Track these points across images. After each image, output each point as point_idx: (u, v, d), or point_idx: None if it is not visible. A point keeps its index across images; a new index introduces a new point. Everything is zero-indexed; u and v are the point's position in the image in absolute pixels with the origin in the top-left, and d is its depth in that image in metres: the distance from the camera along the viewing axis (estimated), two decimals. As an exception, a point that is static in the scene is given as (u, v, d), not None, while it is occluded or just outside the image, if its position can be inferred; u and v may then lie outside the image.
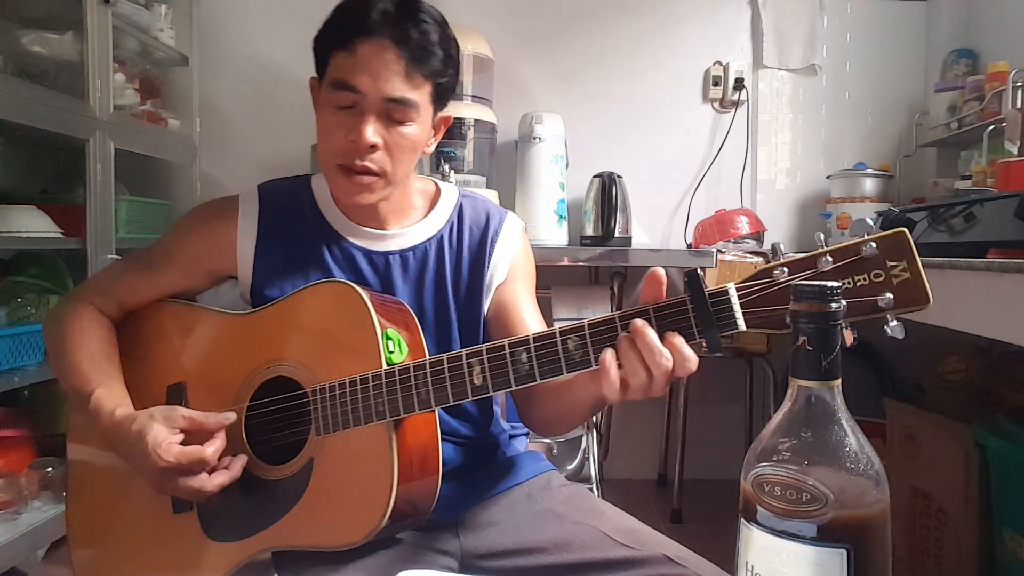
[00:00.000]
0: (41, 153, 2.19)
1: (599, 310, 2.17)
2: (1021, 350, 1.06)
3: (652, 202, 2.66)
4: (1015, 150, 1.83)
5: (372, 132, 0.89)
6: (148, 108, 2.35)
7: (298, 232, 0.99)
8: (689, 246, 2.61)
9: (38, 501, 1.82)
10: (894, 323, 0.63)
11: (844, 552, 0.45)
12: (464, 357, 0.79)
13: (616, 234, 2.31)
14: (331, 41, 0.91)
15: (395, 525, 0.83)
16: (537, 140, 2.35)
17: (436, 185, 1.07)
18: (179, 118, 2.51)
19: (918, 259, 0.63)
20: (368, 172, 0.91)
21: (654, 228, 2.69)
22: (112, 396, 0.92)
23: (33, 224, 1.82)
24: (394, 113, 0.90)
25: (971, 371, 1.96)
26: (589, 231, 2.37)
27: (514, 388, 0.77)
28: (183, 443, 0.86)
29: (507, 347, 0.77)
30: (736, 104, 2.69)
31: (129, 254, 1.07)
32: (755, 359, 2.45)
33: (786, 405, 0.49)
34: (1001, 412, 1.63)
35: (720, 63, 2.69)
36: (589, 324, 0.74)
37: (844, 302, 0.60)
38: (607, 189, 2.32)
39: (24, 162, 2.19)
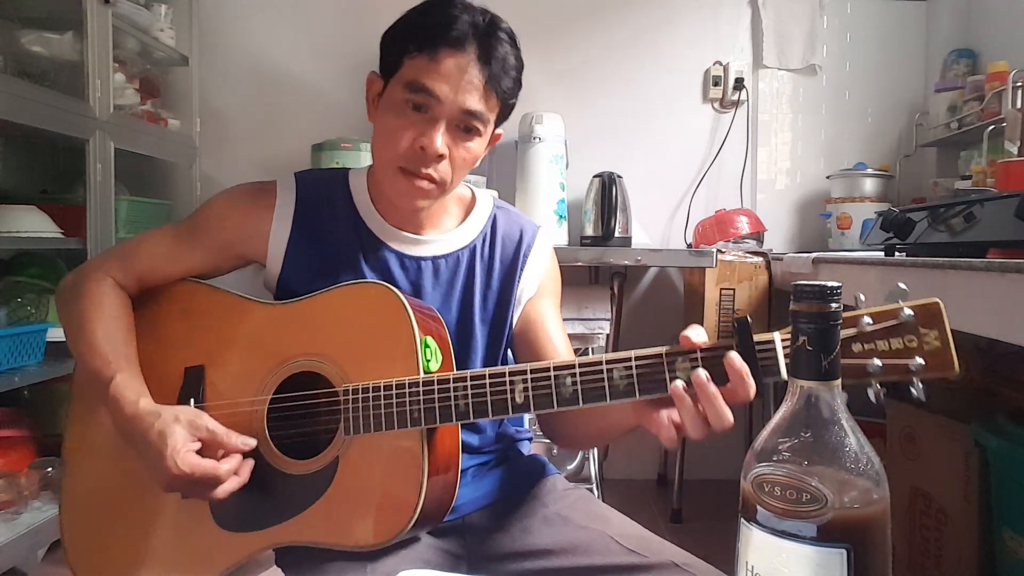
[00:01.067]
0: (41, 153, 2.19)
1: (599, 310, 2.17)
2: (1021, 350, 1.06)
3: (652, 202, 2.66)
4: (1015, 150, 1.83)
5: (442, 143, 0.89)
6: (148, 108, 2.35)
7: (332, 228, 0.98)
8: (689, 246, 2.61)
9: (38, 501, 1.82)
10: (920, 386, 0.66)
11: (844, 552, 0.45)
12: (507, 374, 0.78)
13: (616, 234, 2.31)
14: (411, 44, 0.89)
15: (417, 527, 0.83)
16: (537, 140, 2.35)
17: (472, 192, 1.06)
18: (179, 118, 2.51)
19: (948, 330, 0.67)
20: (430, 179, 0.91)
21: (654, 228, 2.69)
22: (133, 384, 0.89)
23: (33, 224, 1.82)
24: (466, 124, 0.90)
25: (971, 371, 1.96)
26: (589, 231, 2.37)
27: (556, 409, 0.77)
28: (201, 451, 0.84)
29: (552, 369, 0.77)
30: (736, 104, 2.69)
31: (155, 229, 1.03)
32: (755, 359, 2.44)
33: (786, 405, 0.49)
34: (1001, 412, 1.63)
35: (720, 63, 2.70)
36: (636, 356, 0.74)
37: (879, 361, 0.65)
38: (607, 189, 2.32)
39: (24, 162, 2.19)
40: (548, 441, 2.03)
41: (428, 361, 0.83)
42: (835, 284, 0.48)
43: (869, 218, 2.24)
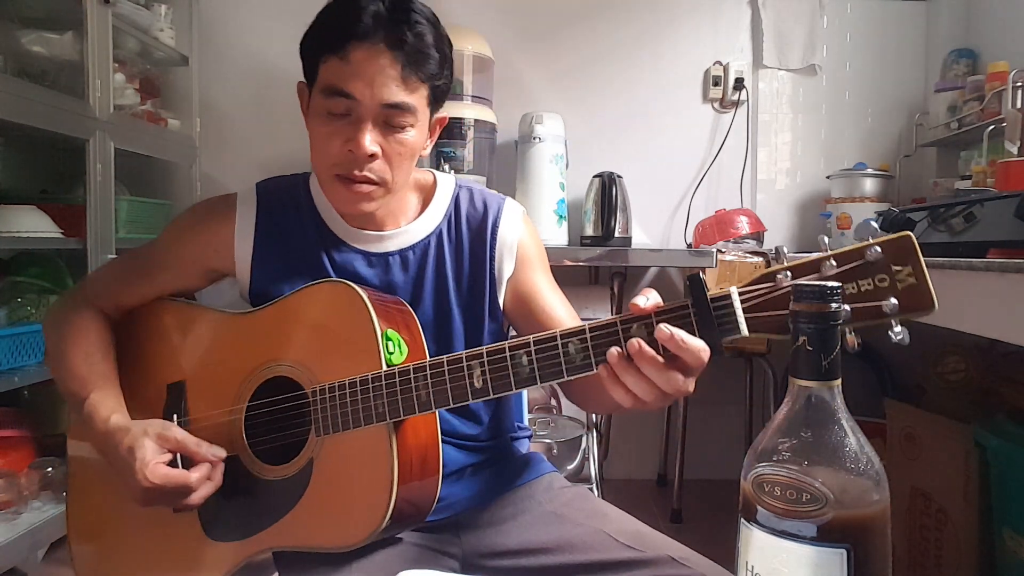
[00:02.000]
0: (41, 153, 2.19)
1: (599, 310, 2.17)
2: (1021, 350, 1.06)
3: (652, 202, 2.66)
4: (1015, 150, 1.83)
5: (370, 141, 0.86)
6: (148, 108, 2.35)
7: (296, 233, 0.98)
8: (689, 246, 2.61)
9: (38, 501, 1.82)
10: (898, 328, 0.62)
11: (844, 552, 0.45)
12: (464, 359, 0.77)
13: (616, 234, 2.31)
14: (321, 46, 0.87)
15: (395, 526, 0.83)
16: (537, 140, 2.35)
17: (433, 176, 1.04)
18: (179, 118, 2.51)
19: (924, 263, 0.62)
20: (367, 181, 0.89)
21: (654, 228, 2.69)
22: (107, 401, 0.91)
23: (33, 224, 1.82)
24: (392, 119, 0.87)
25: (971, 371, 1.96)
26: (589, 231, 2.37)
27: (515, 391, 0.76)
28: (172, 462, 0.86)
29: (507, 350, 0.76)
30: (736, 104, 2.69)
31: (126, 253, 1.06)
32: (755, 359, 2.45)
33: (786, 405, 0.49)
34: (1001, 412, 1.63)
35: (720, 63, 2.70)
36: (590, 328, 0.72)
37: (847, 306, 0.60)
38: (607, 189, 2.32)
39: (24, 162, 2.18)
40: (548, 441, 2.04)
41: (391, 355, 0.83)
42: (835, 284, 0.48)
43: (869, 218, 2.24)
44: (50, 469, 1.85)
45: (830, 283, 0.47)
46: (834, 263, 0.63)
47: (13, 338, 1.73)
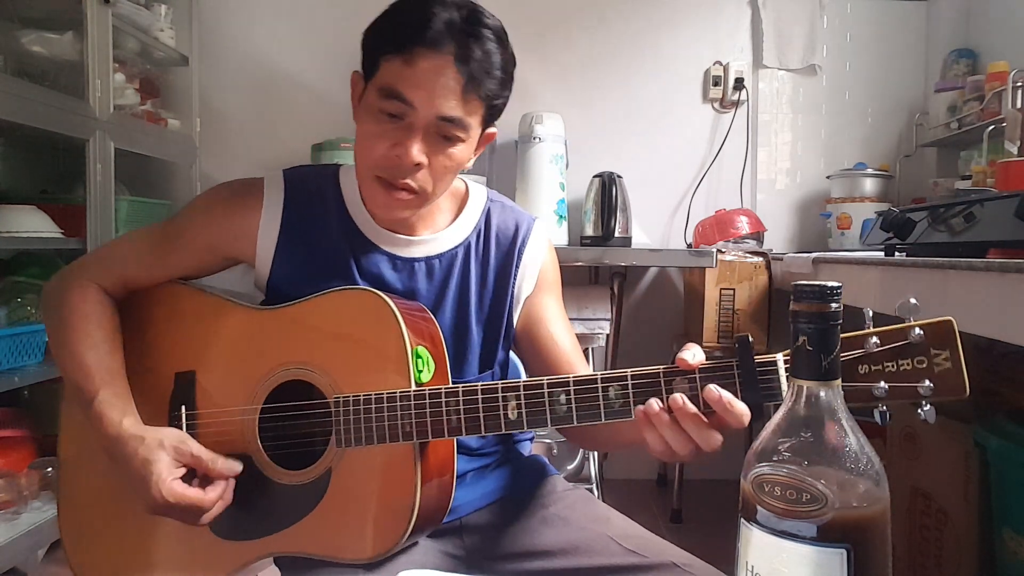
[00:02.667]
0: (41, 153, 2.19)
1: (599, 310, 2.17)
2: (1021, 350, 1.06)
3: (652, 202, 2.66)
4: (1015, 150, 1.83)
5: (419, 151, 0.84)
6: (148, 108, 2.35)
7: (323, 228, 0.94)
8: (689, 246, 2.61)
9: (38, 501, 1.82)
10: (928, 408, 0.63)
11: (844, 552, 0.45)
12: (500, 390, 0.77)
13: (616, 234, 2.31)
14: (386, 43, 0.84)
15: (410, 539, 0.83)
16: (537, 140, 2.35)
17: (465, 185, 1.03)
18: (179, 118, 2.51)
19: (960, 350, 0.63)
20: (408, 189, 0.87)
21: (654, 228, 2.69)
22: (118, 402, 0.87)
23: (33, 224, 1.82)
24: (444, 132, 0.85)
25: (971, 371, 1.96)
26: (589, 231, 2.37)
27: (549, 428, 0.76)
28: (186, 476, 0.83)
29: (546, 386, 0.75)
30: (736, 104, 2.69)
31: (138, 230, 1.00)
32: (755, 359, 2.44)
33: (786, 405, 0.49)
34: (1001, 412, 1.62)
35: (720, 63, 2.70)
36: (632, 375, 0.73)
37: (884, 384, 0.62)
38: (607, 189, 2.32)
39: (24, 162, 2.18)
40: (548, 441, 2.03)
41: (420, 372, 0.82)
42: (835, 284, 0.47)
43: (869, 218, 2.24)
44: (50, 469, 1.85)
45: (830, 283, 0.47)
46: (877, 340, 0.64)
47: (13, 338, 1.73)
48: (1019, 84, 1.90)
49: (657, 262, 2.32)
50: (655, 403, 0.69)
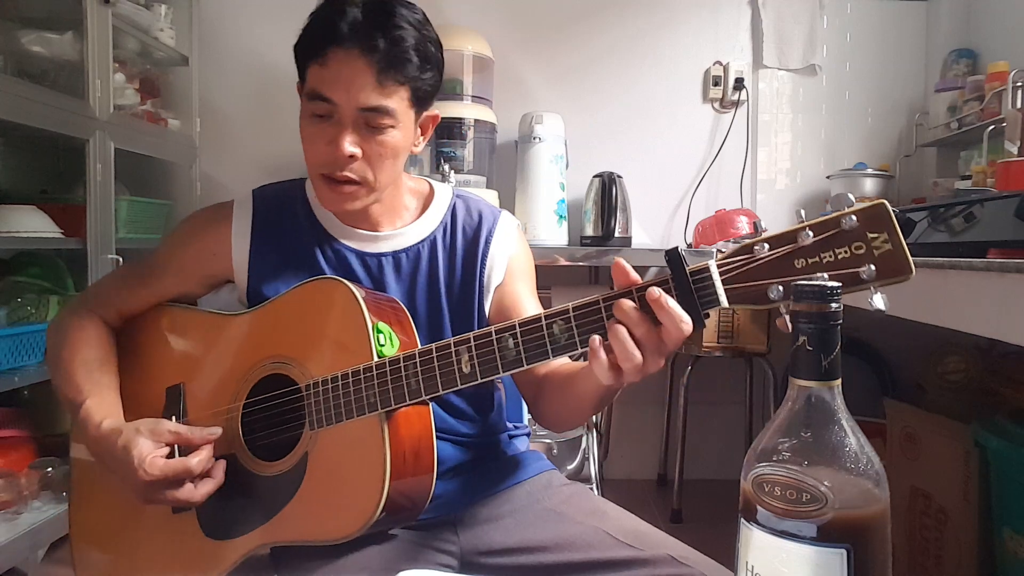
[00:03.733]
0: (41, 153, 2.19)
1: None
2: (1021, 350, 1.06)
3: (652, 202, 2.66)
4: (1015, 150, 1.83)
5: (349, 143, 0.89)
6: (148, 108, 2.35)
7: (292, 235, 1.00)
8: (689, 246, 2.61)
9: (38, 501, 1.82)
10: (877, 295, 0.63)
11: (844, 552, 0.45)
12: (452, 345, 0.79)
13: (616, 234, 2.31)
14: (306, 52, 0.91)
15: (390, 519, 0.83)
16: (537, 140, 2.35)
17: (430, 185, 1.07)
18: (179, 118, 2.51)
19: (899, 230, 0.62)
20: (350, 181, 0.91)
21: (654, 228, 2.69)
22: (102, 407, 0.92)
23: (33, 224, 1.82)
24: (371, 121, 0.89)
25: (971, 371, 1.96)
26: (589, 231, 2.37)
27: (502, 374, 0.77)
28: (169, 456, 0.86)
29: (494, 333, 0.77)
30: (736, 104, 2.69)
31: (128, 263, 1.10)
32: (755, 359, 2.45)
33: (786, 405, 0.49)
34: (1001, 412, 1.63)
35: (720, 63, 2.70)
36: (574, 307, 0.74)
37: (825, 275, 0.62)
38: (607, 189, 2.32)
39: (24, 162, 2.18)
40: (548, 441, 2.03)
41: (382, 347, 0.84)
42: (835, 284, 0.47)
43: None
44: (50, 469, 1.85)
45: (830, 283, 0.47)
46: (810, 233, 0.64)
47: (13, 338, 1.73)
48: (1019, 84, 1.90)
49: (657, 262, 2.31)
50: (614, 313, 0.71)
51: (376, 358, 0.83)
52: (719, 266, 0.68)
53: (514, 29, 2.63)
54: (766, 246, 0.66)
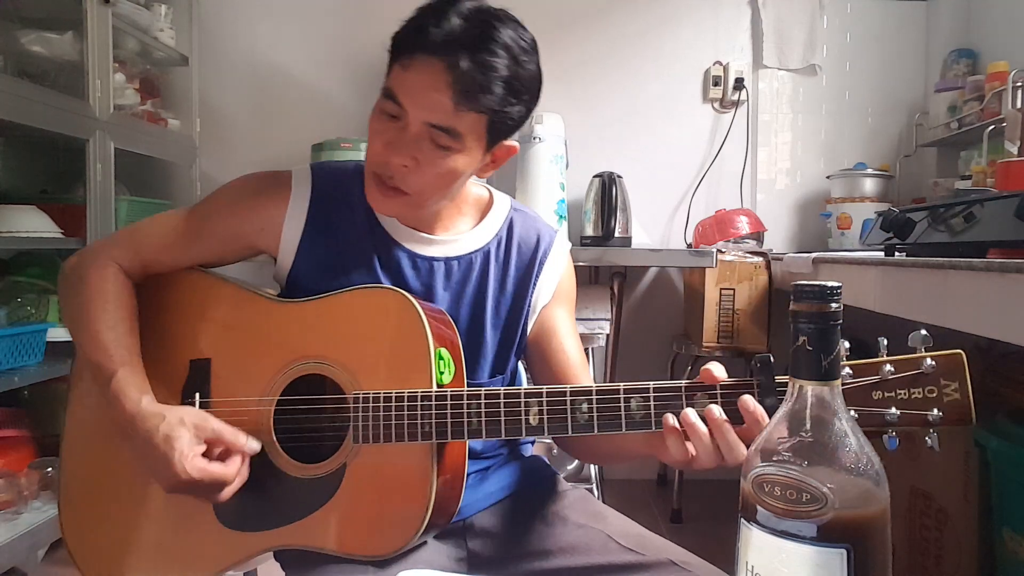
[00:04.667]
0: (41, 153, 2.19)
1: (599, 310, 2.17)
2: (1021, 350, 1.06)
3: (652, 202, 2.66)
4: (1015, 150, 1.83)
5: (406, 154, 0.85)
6: (148, 108, 2.35)
7: (346, 225, 0.96)
8: (689, 246, 2.61)
9: (38, 501, 1.82)
10: (934, 434, 0.67)
11: (844, 552, 0.45)
12: (523, 395, 0.78)
13: (616, 234, 2.31)
14: (395, 47, 0.86)
15: (420, 539, 0.83)
16: (537, 140, 2.35)
17: (490, 193, 1.04)
18: (179, 118, 2.51)
19: (969, 382, 0.67)
20: (397, 189, 0.88)
21: (654, 228, 2.69)
22: (136, 380, 0.86)
23: (33, 224, 1.82)
24: (436, 139, 0.85)
25: (971, 371, 1.96)
26: (589, 231, 2.37)
27: (570, 435, 0.77)
28: (206, 452, 0.83)
29: (568, 394, 0.77)
30: (736, 104, 2.69)
31: (164, 214, 1.00)
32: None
33: (786, 405, 0.49)
34: (1001, 412, 1.63)
35: (720, 63, 2.70)
36: (655, 388, 0.75)
37: (896, 410, 0.67)
38: (607, 189, 2.32)
39: (24, 162, 2.19)
40: (548, 441, 2.03)
41: (441, 374, 0.83)
42: (835, 284, 0.47)
43: (869, 218, 2.24)
44: (50, 469, 1.85)
45: (830, 283, 0.47)
46: (891, 368, 0.68)
47: (13, 338, 1.73)
48: (1019, 84, 1.90)
49: (657, 262, 2.32)
50: (691, 413, 0.72)
51: (435, 386, 0.82)
52: None
53: (514, 29, 2.62)
54: (849, 371, 0.69)
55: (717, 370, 0.74)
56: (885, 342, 0.69)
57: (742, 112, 2.70)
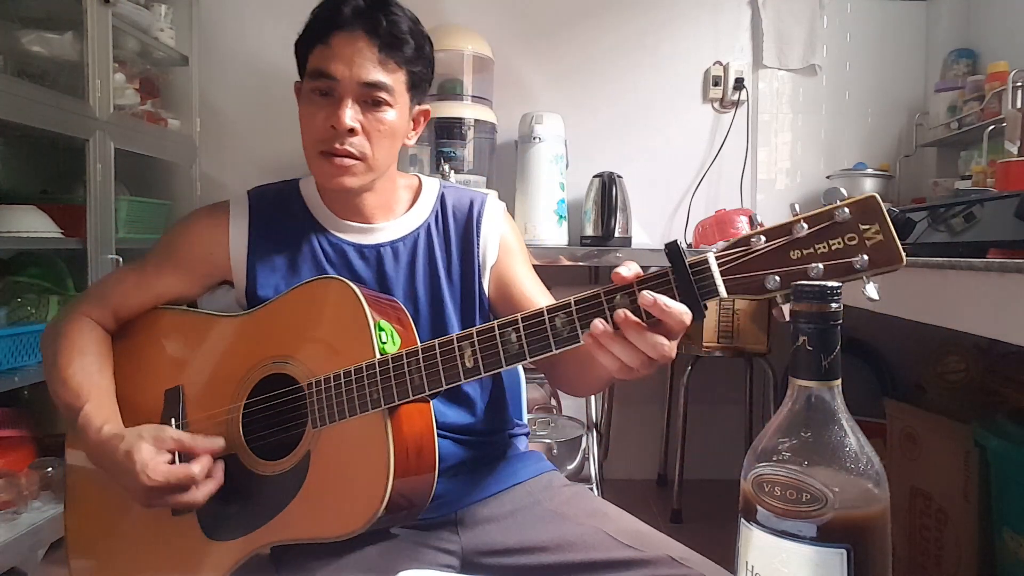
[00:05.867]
0: (41, 153, 2.19)
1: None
2: (1021, 350, 1.06)
3: (652, 202, 2.66)
4: (1015, 150, 1.83)
5: (350, 116, 0.92)
6: (148, 108, 2.35)
7: (289, 232, 1.01)
8: (689, 246, 2.61)
9: (38, 501, 1.82)
10: (870, 285, 0.65)
11: (844, 552, 0.45)
12: (455, 340, 0.79)
13: (616, 234, 2.31)
14: (309, 39, 0.95)
15: (392, 517, 0.83)
16: (537, 140, 2.35)
17: (419, 179, 1.09)
18: (179, 118, 2.51)
19: (889, 221, 0.65)
20: (348, 155, 0.93)
21: (654, 228, 2.69)
22: (101, 412, 0.91)
23: (33, 224, 1.82)
24: (370, 97, 0.93)
25: (971, 371, 1.96)
26: (589, 231, 2.37)
27: (505, 367, 0.78)
28: (171, 462, 0.86)
29: (496, 328, 0.77)
30: (736, 104, 2.69)
31: (123, 265, 1.08)
32: (755, 359, 2.45)
33: (786, 405, 0.49)
34: (1001, 412, 1.63)
35: (720, 63, 2.70)
36: (575, 300, 0.74)
37: (820, 265, 0.64)
38: (607, 189, 2.32)
39: (24, 162, 2.18)
40: (548, 441, 2.03)
41: (384, 344, 0.84)
42: (835, 284, 0.47)
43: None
44: (50, 469, 1.85)
45: (830, 283, 0.47)
46: (805, 225, 0.66)
47: (13, 338, 1.73)
48: (1019, 84, 1.90)
49: (657, 262, 2.31)
50: (599, 323, 0.71)
51: (379, 355, 0.83)
52: (717, 258, 0.70)
53: (514, 29, 2.63)
54: (763, 238, 0.68)
55: (627, 270, 0.72)
56: (797, 207, 0.68)
57: (742, 112, 2.70)
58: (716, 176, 2.70)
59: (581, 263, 2.27)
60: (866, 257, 0.64)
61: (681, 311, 0.69)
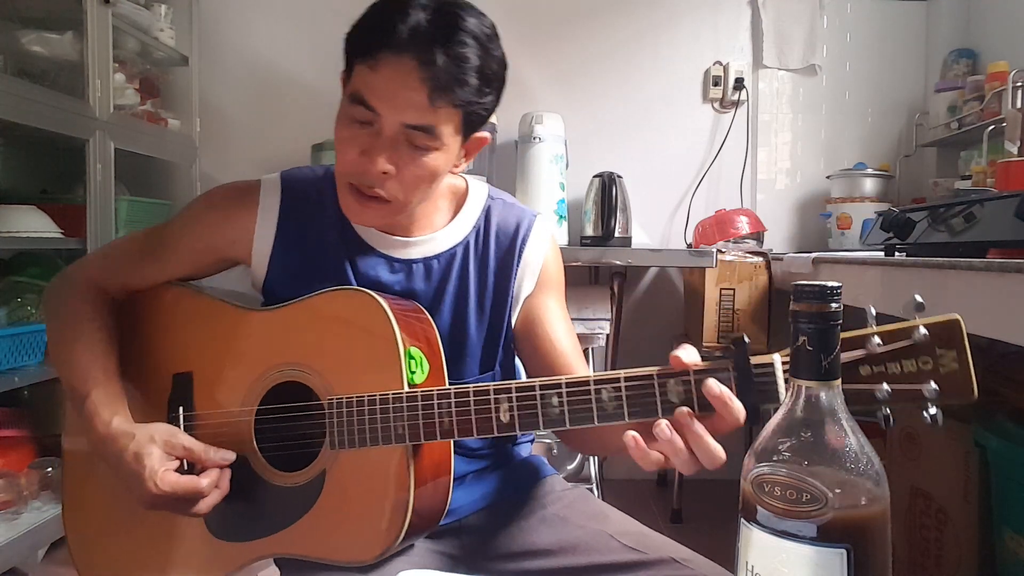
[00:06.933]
0: (41, 153, 2.19)
1: (599, 310, 2.17)
2: (1021, 350, 1.06)
3: (652, 202, 2.66)
4: (1015, 150, 1.83)
5: (385, 160, 0.81)
6: (148, 108, 2.35)
7: (319, 231, 0.94)
8: (689, 246, 2.61)
9: (38, 501, 1.82)
10: (933, 410, 0.60)
11: (844, 552, 0.45)
12: (491, 392, 0.76)
13: (616, 234, 2.31)
14: (356, 47, 0.82)
15: (405, 541, 0.83)
16: (537, 140, 2.35)
17: (465, 182, 1.01)
18: (179, 118, 2.51)
19: (968, 350, 0.60)
20: (378, 198, 0.85)
21: (654, 228, 2.69)
22: (109, 400, 0.87)
23: (33, 224, 1.82)
24: (413, 140, 0.82)
25: (975, 371, 1.96)
26: (589, 231, 2.37)
27: (543, 430, 0.75)
28: (180, 468, 0.84)
29: (538, 388, 0.74)
30: (736, 104, 2.69)
31: (135, 233, 1.02)
32: (755, 359, 2.44)
33: (786, 405, 0.49)
34: (1001, 412, 1.62)
35: (720, 63, 2.70)
36: (625, 378, 0.71)
37: (887, 387, 0.60)
38: (607, 189, 2.32)
39: (24, 162, 2.19)
40: (548, 442, 2.03)
41: (413, 374, 0.81)
42: (835, 284, 0.47)
43: (869, 218, 2.24)
44: (50, 469, 1.85)
45: (830, 283, 0.47)
46: (879, 340, 0.61)
47: (13, 338, 1.73)
48: (1019, 84, 1.90)
49: (657, 262, 2.32)
50: (665, 429, 0.66)
51: (407, 386, 0.80)
52: (783, 361, 0.65)
53: (514, 29, 2.61)
54: None
55: (687, 355, 0.68)
56: (873, 312, 0.61)
57: (742, 112, 2.70)
58: (716, 176, 2.70)
59: (581, 263, 2.27)
60: (936, 387, 0.59)
61: (739, 410, 0.65)
